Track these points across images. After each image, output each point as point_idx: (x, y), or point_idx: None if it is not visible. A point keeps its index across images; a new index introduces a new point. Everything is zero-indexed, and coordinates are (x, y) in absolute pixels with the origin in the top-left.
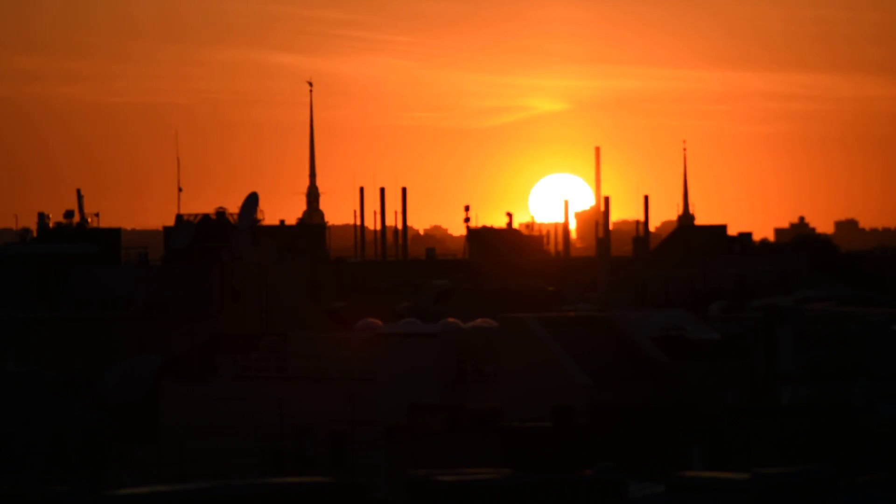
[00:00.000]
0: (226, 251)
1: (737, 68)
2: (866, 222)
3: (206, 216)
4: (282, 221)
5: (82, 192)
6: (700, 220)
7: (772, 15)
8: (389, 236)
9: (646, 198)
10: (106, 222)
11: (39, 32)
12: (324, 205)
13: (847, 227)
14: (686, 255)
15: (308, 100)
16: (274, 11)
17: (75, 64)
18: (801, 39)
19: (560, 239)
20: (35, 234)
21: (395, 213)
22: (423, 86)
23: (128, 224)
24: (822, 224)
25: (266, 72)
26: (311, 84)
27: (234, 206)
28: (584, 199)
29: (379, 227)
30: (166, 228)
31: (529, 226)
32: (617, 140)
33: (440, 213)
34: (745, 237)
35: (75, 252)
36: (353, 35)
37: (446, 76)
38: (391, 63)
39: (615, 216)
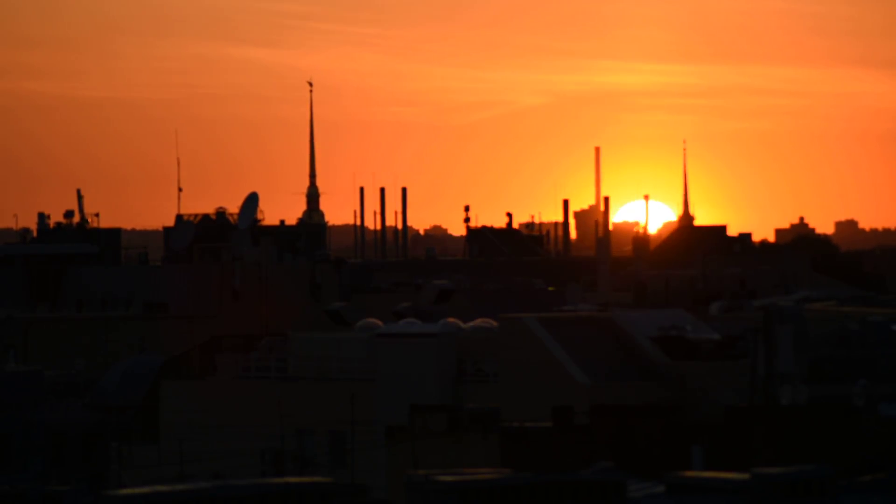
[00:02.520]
0: (226, 251)
1: (732, 64)
2: (866, 222)
3: (206, 216)
4: (282, 221)
5: (82, 192)
6: (700, 220)
7: (766, 9)
8: (389, 236)
9: (646, 197)
10: (106, 222)
11: (39, 31)
12: (324, 205)
13: (847, 227)
14: (686, 255)
15: (306, 97)
16: (268, 8)
17: (75, 63)
18: (800, 34)
19: (560, 239)
20: (35, 234)
21: (396, 213)
22: (392, 79)
23: (128, 224)
24: (822, 224)
25: (269, 71)
26: (311, 84)
27: (234, 206)
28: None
29: (379, 227)
30: (166, 228)
31: (529, 225)
32: (613, 137)
33: (440, 214)
34: (745, 237)
35: (75, 252)
36: (314, 27)
37: (413, 70)
38: (358, 56)
39: (615, 216)
